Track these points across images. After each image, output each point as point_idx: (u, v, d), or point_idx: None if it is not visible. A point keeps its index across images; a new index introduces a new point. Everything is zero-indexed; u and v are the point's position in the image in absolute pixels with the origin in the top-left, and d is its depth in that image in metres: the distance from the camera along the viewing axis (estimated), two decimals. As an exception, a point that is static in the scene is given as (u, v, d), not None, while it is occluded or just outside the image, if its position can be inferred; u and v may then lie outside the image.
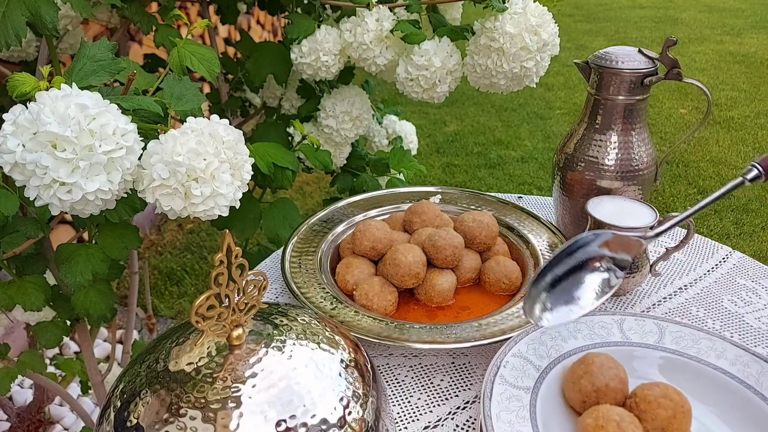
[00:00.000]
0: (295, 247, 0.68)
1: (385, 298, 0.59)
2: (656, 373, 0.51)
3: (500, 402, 0.46)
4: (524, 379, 0.49)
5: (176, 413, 0.32)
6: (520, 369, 0.49)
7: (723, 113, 2.99)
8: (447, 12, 0.90)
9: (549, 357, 0.51)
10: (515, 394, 0.47)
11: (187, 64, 0.60)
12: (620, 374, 0.47)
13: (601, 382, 0.46)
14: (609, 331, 0.54)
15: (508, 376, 0.48)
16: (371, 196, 0.79)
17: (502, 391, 0.47)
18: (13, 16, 0.54)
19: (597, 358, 0.47)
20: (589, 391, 0.46)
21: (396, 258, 0.60)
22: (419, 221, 0.68)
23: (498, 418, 0.44)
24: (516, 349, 0.51)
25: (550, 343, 0.52)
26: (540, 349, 0.52)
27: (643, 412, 0.44)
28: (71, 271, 0.65)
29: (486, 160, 2.60)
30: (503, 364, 0.49)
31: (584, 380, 0.46)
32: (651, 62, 0.64)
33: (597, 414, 0.43)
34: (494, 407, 0.45)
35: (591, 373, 0.46)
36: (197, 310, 0.32)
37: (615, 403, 0.46)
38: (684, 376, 0.50)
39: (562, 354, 0.52)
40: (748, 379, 0.49)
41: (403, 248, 0.61)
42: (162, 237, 2.02)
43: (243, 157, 0.53)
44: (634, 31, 4.64)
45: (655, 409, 0.44)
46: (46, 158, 0.44)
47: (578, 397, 0.47)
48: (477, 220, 0.65)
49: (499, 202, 0.76)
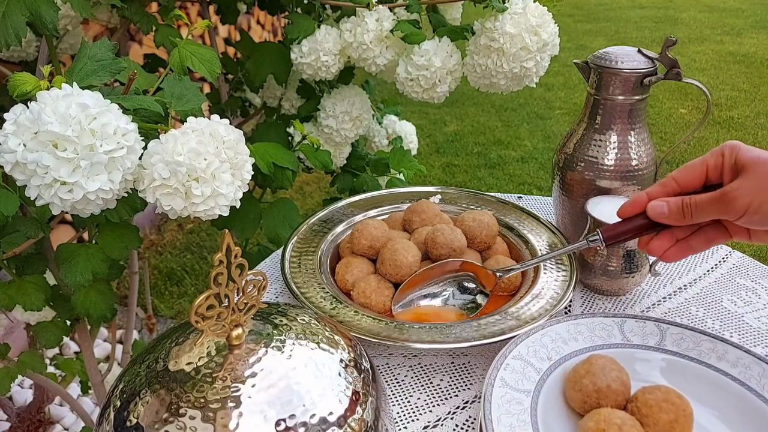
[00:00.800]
0: (295, 247, 0.68)
1: (382, 294, 0.60)
2: (658, 375, 0.51)
3: (501, 405, 0.46)
4: (525, 382, 0.48)
5: (176, 413, 0.32)
6: (521, 371, 0.49)
7: (723, 113, 2.99)
8: (447, 12, 0.90)
9: (550, 359, 0.51)
10: (516, 397, 0.47)
11: (188, 65, 0.60)
12: (622, 377, 0.47)
13: (603, 383, 0.46)
14: (610, 333, 0.54)
15: (508, 378, 0.48)
16: (371, 196, 0.79)
17: (503, 394, 0.47)
18: (13, 16, 0.54)
19: (600, 360, 0.47)
20: (590, 392, 0.46)
21: (397, 259, 0.60)
22: (419, 220, 0.68)
23: (499, 421, 0.44)
24: (516, 351, 0.51)
25: (550, 346, 0.52)
26: (540, 351, 0.51)
27: (644, 416, 0.44)
28: (71, 271, 0.65)
29: (486, 160, 2.60)
30: (503, 366, 0.49)
31: (586, 380, 0.46)
32: (650, 62, 0.64)
33: (598, 417, 0.43)
34: (495, 410, 0.45)
35: (593, 373, 0.46)
36: (197, 310, 0.32)
37: (616, 405, 0.46)
38: (685, 379, 0.50)
39: (563, 356, 0.51)
40: (750, 381, 0.49)
41: (403, 248, 0.61)
42: (162, 237, 2.02)
43: (243, 157, 0.53)
44: (634, 31, 4.64)
45: (656, 413, 0.44)
46: (47, 158, 0.44)
47: (579, 397, 0.47)
48: (477, 219, 0.66)
49: (498, 202, 0.76)
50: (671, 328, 0.54)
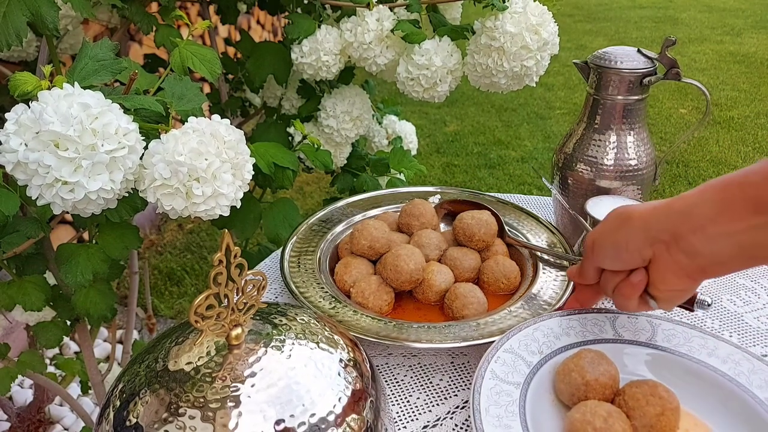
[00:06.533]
0: (295, 247, 0.68)
1: (381, 298, 0.59)
2: (647, 370, 0.51)
3: (489, 396, 0.46)
4: (515, 374, 0.49)
5: (175, 412, 0.32)
6: (511, 365, 0.50)
7: (723, 113, 2.99)
8: (447, 11, 0.90)
9: (540, 353, 0.51)
10: (505, 389, 0.47)
11: (188, 65, 0.60)
12: (611, 371, 0.47)
13: (591, 376, 0.46)
14: (602, 329, 0.54)
15: (498, 371, 0.49)
16: (370, 196, 0.79)
17: (492, 386, 0.47)
18: (14, 16, 0.55)
19: (589, 354, 0.48)
20: (579, 384, 0.46)
21: (398, 265, 0.59)
22: (418, 224, 0.68)
23: (487, 411, 0.45)
24: (508, 344, 0.51)
25: (542, 340, 0.52)
26: (532, 345, 0.52)
27: (631, 409, 0.45)
28: (71, 271, 0.65)
29: (486, 160, 2.60)
30: (495, 359, 0.50)
31: (575, 373, 0.47)
32: (650, 62, 0.64)
33: (585, 409, 0.44)
34: (483, 401, 0.46)
35: (582, 366, 0.47)
36: (196, 310, 0.32)
37: (604, 398, 0.46)
38: (674, 374, 0.51)
39: (554, 350, 0.52)
40: (739, 377, 0.49)
41: (406, 254, 0.60)
42: (162, 237, 2.02)
43: (244, 157, 0.53)
44: (634, 31, 4.64)
45: (643, 406, 0.44)
46: (48, 157, 0.44)
47: (567, 389, 0.47)
48: (476, 217, 0.65)
49: (498, 202, 0.76)
50: (663, 324, 0.54)
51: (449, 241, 0.68)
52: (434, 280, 0.61)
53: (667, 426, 0.44)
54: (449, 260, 0.64)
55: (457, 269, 0.63)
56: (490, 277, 0.63)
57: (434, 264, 0.63)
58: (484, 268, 0.64)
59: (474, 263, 0.64)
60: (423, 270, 0.61)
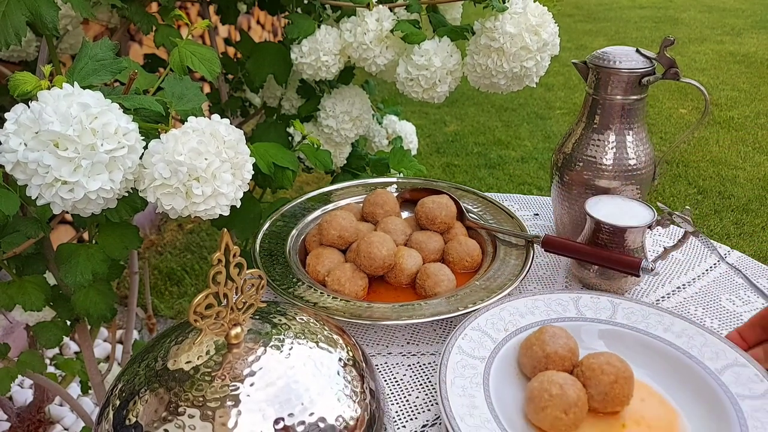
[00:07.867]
0: (263, 245, 0.69)
1: (356, 284, 0.62)
2: (603, 345, 0.55)
3: (455, 369, 0.49)
4: (480, 350, 0.52)
5: (175, 412, 0.32)
6: (478, 341, 0.53)
7: (723, 113, 2.99)
8: (447, 12, 0.90)
9: (506, 330, 0.54)
10: (470, 363, 0.51)
11: (188, 65, 0.60)
12: (570, 344, 0.50)
13: (551, 349, 0.49)
14: (565, 308, 0.57)
15: (465, 347, 0.52)
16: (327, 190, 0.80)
17: (458, 360, 0.50)
18: (13, 15, 0.55)
19: (551, 329, 0.51)
20: (540, 357, 0.49)
21: (371, 252, 0.62)
22: (382, 212, 0.71)
23: (453, 383, 0.48)
24: (475, 323, 0.55)
25: (508, 318, 0.56)
26: (498, 323, 0.55)
27: (587, 378, 0.47)
28: (71, 271, 0.65)
29: (486, 160, 2.60)
30: (462, 336, 0.53)
31: (536, 347, 0.50)
32: (649, 62, 0.64)
33: (543, 378, 0.47)
34: (449, 373, 0.49)
35: (543, 341, 0.50)
36: (196, 309, 0.33)
37: (563, 369, 0.49)
38: (630, 348, 0.54)
39: (519, 328, 0.55)
40: (692, 350, 0.52)
41: (378, 241, 0.62)
42: (162, 237, 2.02)
43: (244, 157, 0.53)
44: (634, 31, 4.64)
45: (598, 375, 0.47)
46: (48, 157, 0.44)
47: (529, 362, 0.50)
48: (437, 201, 0.69)
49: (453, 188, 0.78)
50: (623, 302, 0.57)
51: (413, 227, 0.71)
52: (405, 264, 0.63)
53: (621, 393, 0.46)
54: (415, 244, 0.67)
55: (423, 252, 0.66)
56: (455, 256, 0.66)
57: (403, 248, 0.65)
58: (449, 249, 0.67)
59: (438, 245, 0.67)
60: (394, 255, 0.63)
